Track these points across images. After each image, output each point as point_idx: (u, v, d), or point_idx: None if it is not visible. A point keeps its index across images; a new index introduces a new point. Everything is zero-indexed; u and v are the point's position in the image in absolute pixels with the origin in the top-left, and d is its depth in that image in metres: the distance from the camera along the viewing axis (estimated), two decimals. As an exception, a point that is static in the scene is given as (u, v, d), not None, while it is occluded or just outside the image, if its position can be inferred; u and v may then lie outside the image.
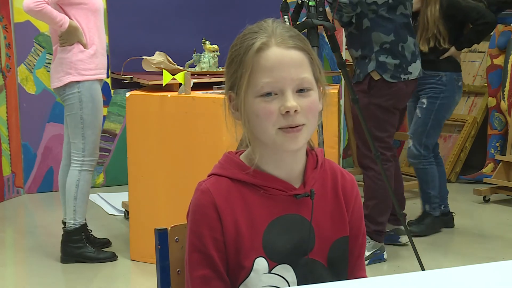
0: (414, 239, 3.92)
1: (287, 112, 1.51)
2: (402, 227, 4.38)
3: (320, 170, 1.63)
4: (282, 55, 1.53)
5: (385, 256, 4.25)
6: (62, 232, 4.21)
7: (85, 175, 4.18)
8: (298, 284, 1.57)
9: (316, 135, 3.34)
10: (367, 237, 4.22)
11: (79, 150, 4.14)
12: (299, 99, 1.52)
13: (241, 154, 1.64)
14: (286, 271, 1.57)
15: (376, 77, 4.10)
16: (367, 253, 4.20)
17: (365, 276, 1.67)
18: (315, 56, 1.58)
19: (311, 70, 1.56)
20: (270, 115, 1.52)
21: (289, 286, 1.57)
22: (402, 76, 4.12)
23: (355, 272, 1.66)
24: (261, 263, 1.56)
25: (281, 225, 1.57)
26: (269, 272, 1.56)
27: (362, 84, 4.13)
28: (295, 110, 1.51)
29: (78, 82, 4.06)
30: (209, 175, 1.62)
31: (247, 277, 1.56)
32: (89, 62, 4.08)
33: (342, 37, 5.85)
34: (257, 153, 1.58)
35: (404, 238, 4.45)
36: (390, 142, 4.21)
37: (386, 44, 4.10)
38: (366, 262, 4.22)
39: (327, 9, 3.95)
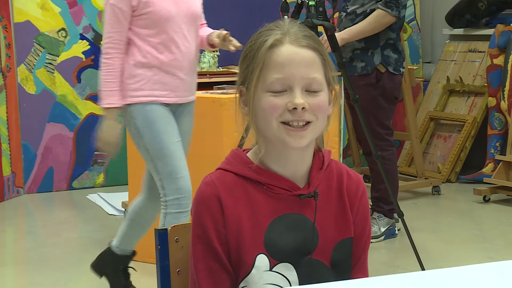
0: (414, 239, 3.92)
1: (295, 108, 1.52)
2: (394, 220, 4.62)
3: (326, 171, 1.63)
4: (294, 53, 1.54)
5: (396, 232, 4.61)
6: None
7: (171, 219, 3.24)
8: (299, 284, 1.58)
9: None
10: (381, 215, 4.51)
11: (159, 188, 3.28)
12: (308, 97, 1.53)
13: (248, 151, 1.64)
14: (288, 270, 1.57)
15: (382, 69, 4.38)
16: (382, 229, 4.56)
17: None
18: (328, 59, 1.59)
19: (322, 71, 1.57)
20: (276, 109, 1.53)
21: (290, 285, 1.57)
22: (401, 70, 4.47)
23: (356, 275, 1.66)
24: (262, 260, 1.56)
25: (284, 224, 1.58)
26: (270, 269, 1.56)
27: (369, 77, 4.38)
28: (303, 108, 1.52)
29: (129, 104, 3.26)
30: (215, 170, 1.63)
31: (249, 273, 1.56)
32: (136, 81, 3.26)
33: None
34: (263, 149, 1.58)
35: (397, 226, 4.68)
36: (392, 129, 4.57)
37: (391, 40, 4.39)
38: (382, 238, 4.56)
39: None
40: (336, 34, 4.14)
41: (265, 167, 1.60)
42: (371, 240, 4.33)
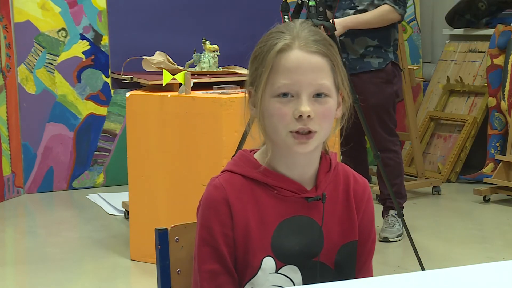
0: (414, 239, 3.92)
1: (300, 116, 1.52)
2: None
3: (332, 174, 1.63)
4: (303, 59, 1.54)
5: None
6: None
7: None
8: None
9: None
10: (396, 217, 4.43)
11: None
12: (315, 105, 1.53)
13: (255, 152, 1.64)
14: (293, 272, 1.58)
15: (396, 67, 4.49)
16: (401, 227, 4.44)
17: None
18: (338, 63, 1.58)
19: (332, 77, 1.56)
20: (284, 117, 1.53)
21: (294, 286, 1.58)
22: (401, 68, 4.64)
23: (361, 278, 1.66)
24: (268, 263, 1.56)
25: (291, 226, 1.58)
26: (276, 272, 1.57)
27: (385, 73, 4.41)
28: (308, 116, 1.52)
29: None
30: (222, 172, 1.63)
31: (254, 275, 1.57)
32: None
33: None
34: (270, 151, 1.59)
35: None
36: None
37: (396, 40, 4.50)
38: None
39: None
40: (339, 20, 4.18)
41: (273, 169, 1.60)
42: (397, 239, 4.43)
